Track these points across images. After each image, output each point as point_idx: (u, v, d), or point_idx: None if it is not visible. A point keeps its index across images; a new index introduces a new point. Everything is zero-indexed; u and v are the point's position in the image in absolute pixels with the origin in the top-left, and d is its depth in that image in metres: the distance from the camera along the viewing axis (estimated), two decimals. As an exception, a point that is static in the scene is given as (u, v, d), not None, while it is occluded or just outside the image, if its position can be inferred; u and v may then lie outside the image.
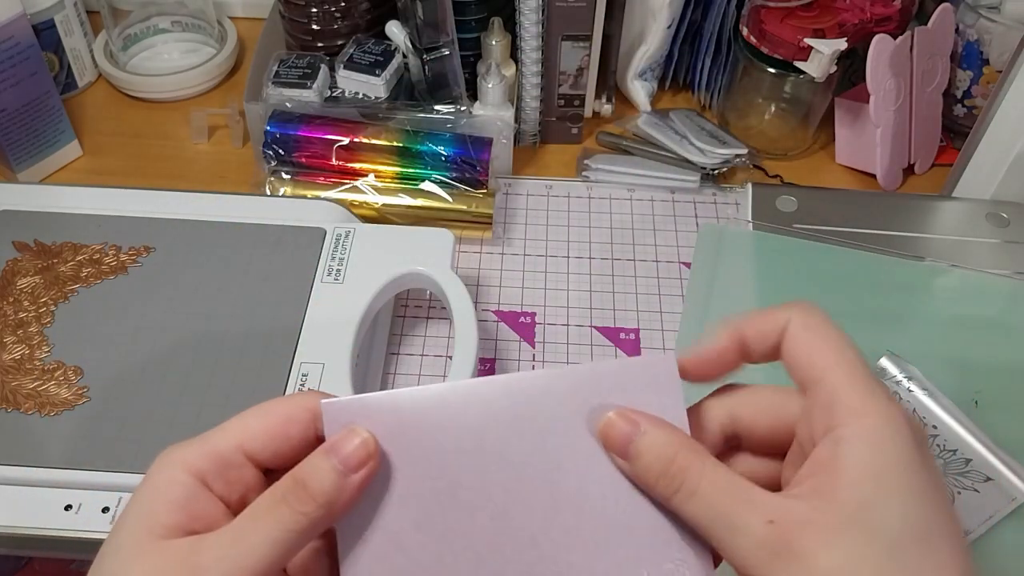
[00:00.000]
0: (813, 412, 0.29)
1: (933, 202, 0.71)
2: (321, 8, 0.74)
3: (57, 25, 0.79)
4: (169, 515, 0.28)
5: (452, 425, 0.29)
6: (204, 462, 0.29)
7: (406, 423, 0.29)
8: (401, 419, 0.29)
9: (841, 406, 0.28)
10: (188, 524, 0.28)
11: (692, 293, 0.64)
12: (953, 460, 0.53)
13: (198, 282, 0.57)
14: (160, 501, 0.28)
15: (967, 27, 0.74)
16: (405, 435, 0.29)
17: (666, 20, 0.75)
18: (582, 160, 0.77)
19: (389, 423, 0.29)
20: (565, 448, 0.30)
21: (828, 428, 0.28)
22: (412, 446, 0.29)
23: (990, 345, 0.60)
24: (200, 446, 0.29)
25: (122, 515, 0.29)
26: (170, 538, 0.28)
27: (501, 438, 0.30)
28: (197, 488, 0.29)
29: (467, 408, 0.29)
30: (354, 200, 0.68)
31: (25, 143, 0.73)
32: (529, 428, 0.30)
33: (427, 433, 0.29)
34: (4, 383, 0.52)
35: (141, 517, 0.28)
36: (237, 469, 0.29)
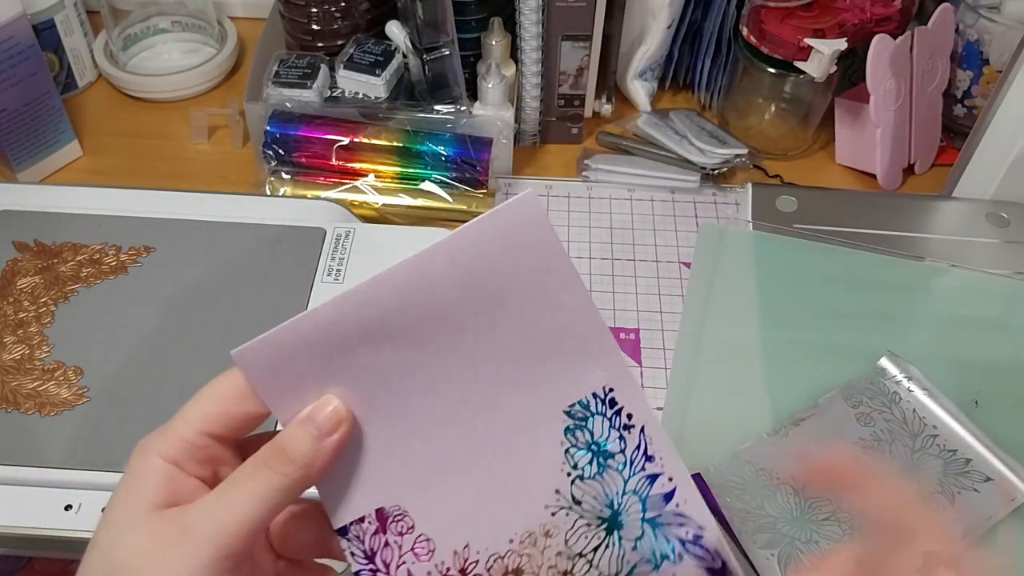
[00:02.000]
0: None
1: (933, 202, 0.71)
2: (321, 8, 0.74)
3: (57, 25, 0.79)
4: (155, 493, 0.30)
5: (356, 328, 0.31)
6: (173, 450, 0.31)
7: (315, 341, 0.30)
8: (308, 340, 0.30)
9: None
10: (172, 499, 0.30)
11: (692, 293, 0.64)
12: (953, 460, 0.53)
13: (198, 282, 0.57)
14: (143, 483, 0.30)
15: (967, 27, 0.74)
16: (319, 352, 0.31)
17: (666, 20, 0.75)
18: (582, 160, 0.77)
19: (299, 348, 0.30)
20: (465, 313, 0.31)
21: None
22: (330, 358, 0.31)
23: (990, 345, 0.60)
24: (166, 435, 0.31)
25: (110, 500, 0.31)
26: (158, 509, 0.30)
27: (404, 324, 0.31)
28: (173, 470, 0.30)
29: (364, 311, 0.30)
30: (354, 200, 0.68)
31: (25, 143, 0.73)
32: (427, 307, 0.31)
33: (339, 343, 0.31)
34: (4, 383, 0.52)
35: (129, 497, 0.30)
36: (204, 450, 0.31)
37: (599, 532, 0.33)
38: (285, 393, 0.31)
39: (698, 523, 0.33)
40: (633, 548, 0.33)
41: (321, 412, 0.30)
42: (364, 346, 0.31)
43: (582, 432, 0.33)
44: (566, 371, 0.32)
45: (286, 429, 0.31)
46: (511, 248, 0.31)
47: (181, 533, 0.29)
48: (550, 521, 0.33)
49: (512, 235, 0.31)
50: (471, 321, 0.31)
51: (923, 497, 0.52)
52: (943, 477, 0.53)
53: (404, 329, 0.31)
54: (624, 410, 0.33)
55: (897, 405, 0.56)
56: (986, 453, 0.53)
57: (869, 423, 0.55)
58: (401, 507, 0.32)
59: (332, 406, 0.31)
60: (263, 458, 0.30)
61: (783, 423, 0.56)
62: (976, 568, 0.30)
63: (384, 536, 0.32)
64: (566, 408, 0.33)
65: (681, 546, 0.33)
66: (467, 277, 0.31)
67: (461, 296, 0.31)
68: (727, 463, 0.53)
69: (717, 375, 0.59)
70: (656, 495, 0.33)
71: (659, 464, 0.33)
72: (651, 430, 0.33)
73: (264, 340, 0.30)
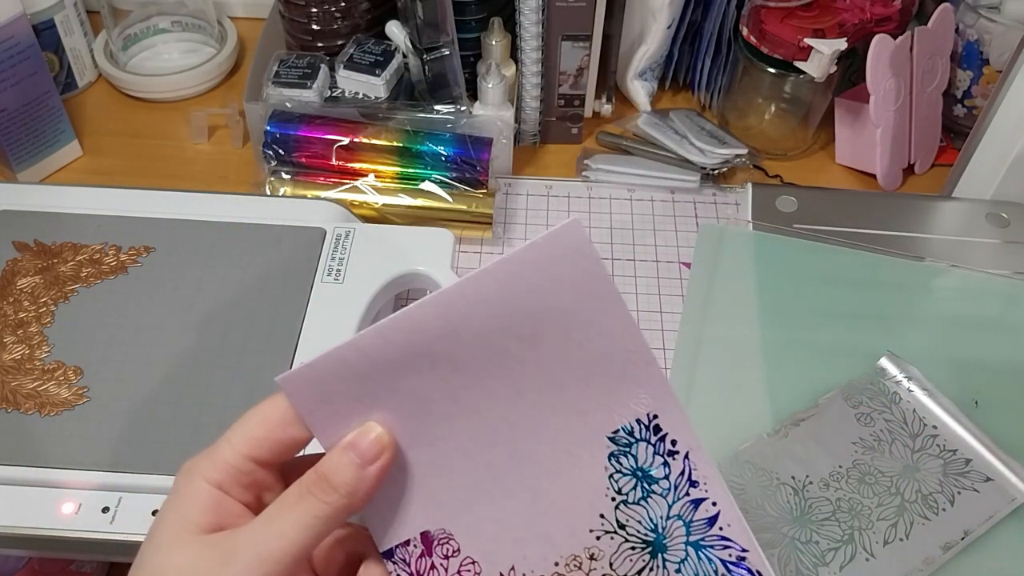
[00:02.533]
0: None
1: (933, 202, 0.71)
2: (321, 8, 0.74)
3: (57, 25, 0.79)
4: (201, 516, 0.30)
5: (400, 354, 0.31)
6: (219, 474, 0.31)
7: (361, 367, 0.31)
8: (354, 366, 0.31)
9: None
10: (218, 523, 0.30)
11: (692, 293, 0.64)
12: (953, 460, 0.53)
13: (198, 282, 0.57)
14: (191, 506, 0.30)
15: (967, 27, 0.74)
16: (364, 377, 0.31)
17: (666, 20, 0.75)
18: (582, 160, 0.77)
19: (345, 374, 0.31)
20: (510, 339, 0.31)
21: None
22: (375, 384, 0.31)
23: (990, 345, 0.60)
24: (212, 459, 0.31)
25: (156, 521, 0.31)
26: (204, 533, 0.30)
27: (450, 350, 0.31)
28: (219, 495, 0.31)
29: (408, 336, 0.31)
30: (354, 200, 0.68)
31: (25, 143, 0.73)
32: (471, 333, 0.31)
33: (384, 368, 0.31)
34: (4, 383, 0.52)
35: (176, 519, 0.30)
36: (249, 475, 0.31)
37: (643, 555, 0.33)
38: (329, 419, 0.31)
39: (742, 545, 0.33)
40: (677, 570, 0.33)
41: (364, 440, 0.31)
42: (408, 371, 0.31)
43: (626, 458, 0.33)
44: (610, 396, 0.32)
45: (328, 455, 0.31)
46: (555, 274, 0.31)
47: (228, 556, 0.29)
48: (595, 545, 0.33)
49: (556, 261, 0.31)
50: (515, 346, 0.31)
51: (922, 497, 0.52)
52: (943, 477, 0.53)
53: (448, 354, 0.31)
54: (668, 436, 0.33)
55: (897, 405, 0.56)
56: (986, 453, 0.53)
57: (869, 423, 0.55)
58: (447, 530, 0.32)
59: (375, 433, 0.31)
60: (307, 485, 0.30)
61: (783, 423, 0.56)
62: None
63: (430, 559, 0.32)
64: (610, 434, 0.33)
65: (724, 567, 0.33)
66: (512, 302, 0.31)
67: (505, 321, 0.31)
68: (727, 463, 0.53)
69: (717, 375, 0.59)
70: (700, 519, 0.33)
71: (703, 489, 0.33)
72: (696, 456, 0.33)
73: (309, 367, 0.31)
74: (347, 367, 0.31)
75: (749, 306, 0.63)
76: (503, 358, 0.32)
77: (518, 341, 0.31)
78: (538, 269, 0.31)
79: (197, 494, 0.31)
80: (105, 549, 0.47)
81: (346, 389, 0.31)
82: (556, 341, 0.32)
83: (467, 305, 0.31)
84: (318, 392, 0.31)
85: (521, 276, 0.31)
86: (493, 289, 0.31)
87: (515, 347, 0.31)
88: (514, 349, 0.31)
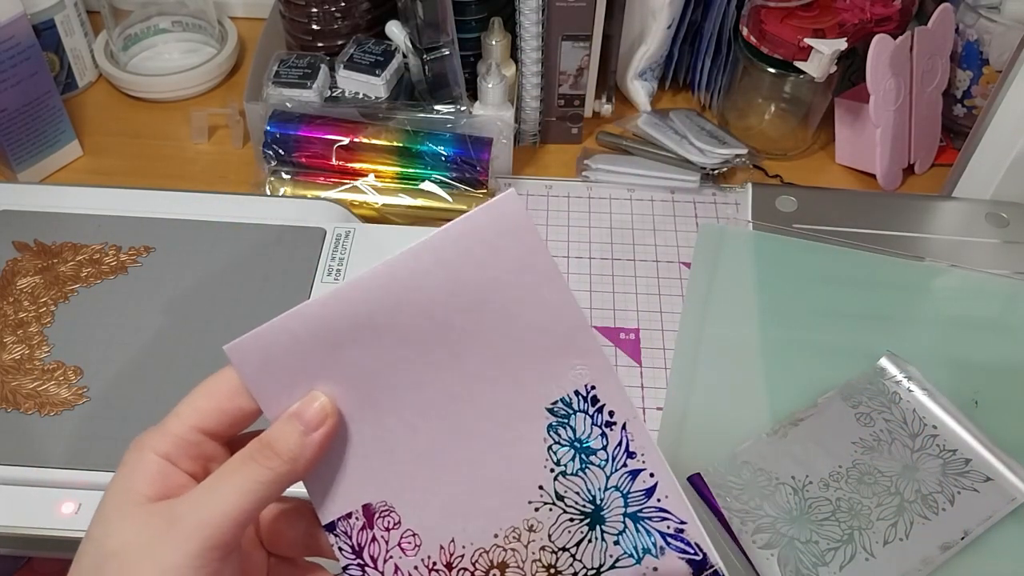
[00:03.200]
0: None
1: (933, 202, 0.71)
2: (321, 8, 0.74)
3: (57, 25, 0.79)
4: (147, 487, 0.31)
5: (344, 324, 0.31)
6: (167, 446, 0.31)
7: (305, 337, 0.31)
8: (298, 336, 0.31)
9: None
10: (164, 493, 0.31)
11: (692, 293, 0.64)
12: (953, 460, 0.53)
13: (198, 282, 0.57)
14: (136, 477, 0.31)
15: (967, 27, 0.74)
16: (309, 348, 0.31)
17: (666, 20, 0.75)
18: (582, 160, 0.77)
19: (290, 344, 0.31)
20: (452, 311, 0.32)
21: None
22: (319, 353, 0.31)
23: (990, 345, 0.60)
24: (160, 431, 0.31)
25: (104, 494, 0.31)
26: (150, 502, 0.30)
27: (391, 321, 0.32)
28: (166, 466, 0.31)
29: (351, 308, 0.31)
30: (354, 200, 0.68)
31: (25, 143, 0.73)
32: (413, 305, 0.32)
33: (327, 339, 0.31)
34: (4, 383, 0.52)
35: (121, 491, 0.31)
36: (197, 446, 0.32)
37: (582, 527, 0.34)
38: (275, 389, 0.31)
39: (680, 517, 0.34)
40: (615, 542, 0.34)
41: (308, 408, 0.31)
42: (353, 343, 0.31)
43: (565, 429, 0.34)
44: (549, 368, 0.33)
45: (273, 424, 0.31)
46: (494, 246, 0.32)
47: (170, 524, 0.29)
48: (534, 516, 0.34)
49: (495, 233, 0.32)
50: (456, 318, 0.32)
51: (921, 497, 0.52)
52: (943, 477, 0.53)
53: (391, 326, 0.32)
54: (606, 407, 0.34)
55: (897, 405, 0.56)
56: (986, 453, 0.53)
57: (869, 423, 0.55)
58: (388, 503, 0.33)
59: (319, 402, 0.31)
60: (250, 452, 0.31)
61: (782, 423, 0.56)
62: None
63: (371, 531, 0.33)
64: (549, 405, 0.33)
65: (663, 540, 0.34)
66: (452, 274, 0.32)
67: (446, 293, 0.32)
68: (727, 463, 0.54)
69: (717, 375, 0.59)
70: (638, 491, 0.34)
71: (640, 460, 0.34)
72: (633, 427, 0.34)
73: (255, 335, 0.31)
74: (292, 336, 0.31)
75: (749, 306, 0.63)
76: (445, 330, 0.32)
77: (459, 313, 0.32)
78: (478, 241, 0.32)
79: (143, 465, 0.31)
80: (105, 549, 0.47)
81: (291, 359, 0.31)
82: (496, 314, 0.32)
83: (409, 276, 0.31)
84: (263, 360, 0.31)
85: (461, 248, 0.32)
86: (433, 261, 0.31)
87: (457, 319, 0.32)
88: (456, 321, 0.32)
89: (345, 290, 0.31)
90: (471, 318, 0.32)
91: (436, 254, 0.31)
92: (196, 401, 0.32)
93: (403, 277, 0.31)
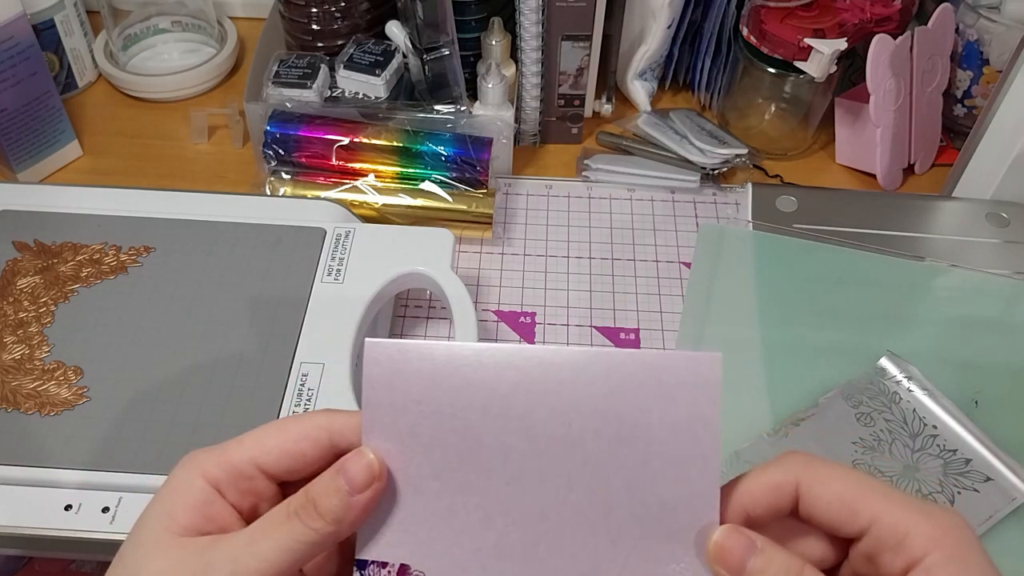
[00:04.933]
0: (881, 556, 0.29)
1: (933, 202, 0.71)
2: (321, 8, 0.74)
3: (57, 25, 0.79)
4: (186, 515, 0.30)
5: (483, 385, 0.30)
6: (219, 471, 0.30)
7: (440, 374, 0.30)
8: (436, 369, 0.30)
9: (915, 538, 0.28)
10: (203, 526, 0.30)
11: (692, 293, 0.64)
12: (953, 460, 0.53)
13: (198, 282, 0.57)
14: (178, 502, 0.30)
15: (967, 27, 0.74)
16: (438, 386, 0.30)
17: (666, 20, 0.75)
18: (582, 160, 0.77)
19: (424, 371, 0.30)
20: (590, 431, 0.30)
21: (910, 562, 0.28)
22: (443, 397, 0.30)
23: (990, 345, 0.60)
24: (217, 455, 0.31)
25: (143, 513, 0.30)
26: (186, 536, 0.29)
27: (528, 408, 0.30)
28: (212, 494, 0.30)
29: (500, 372, 0.30)
30: (354, 200, 0.68)
31: (25, 143, 0.73)
32: (557, 403, 0.30)
33: (458, 388, 0.30)
34: (4, 383, 0.52)
35: (160, 516, 0.30)
36: (249, 481, 0.31)
37: None
38: (386, 403, 0.30)
39: None
40: None
41: (355, 465, 0.30)
42: (479, 403, 0.30)
43: None
44: (652, 549, 0.30)
45: (320, 476, 0.30)
46: (670, 395, 0.30)
47: (204, 569, 0.28)
48: None
49: (678, 383, 0.30)
50: (591, 441, 0.30)
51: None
52: (943, 477, 0.53)
53: (526, 411, 0.30)
54: None
55: (897, 405, 0.56)
56: (986, 453, 0.53)
57: (869, 423, 0.55)
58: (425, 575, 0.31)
59: (367, 460, 0.30)
60: (294, 507, 0.29)
61: (783, 423, 0.56)
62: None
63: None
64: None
65: None
66: (613, 396, 0.30)
67: (596, 412, 0.30)
68: (727, 463, 0.53)
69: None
70: None
71: None
72: None
73: (400, 345, 0.30)
74: (431, 364, 0.30)
75: (749, 306, 0.63)
76: (573, 446, 0.30)
77: (597, 438, 0.30)
78: (657, 381, 0.30)
79: (189, 490, 0.30)
80: (105, 549, 0.47)
81: (417, 386, 0.30)
82: (632, 460, 0.30)
83: (571, 373, 0.30)
84: (393, 372, 0.30)
85: (638, 376, 0.30)
86: (603, 372, 0.30)
87: (591, 443, 0.30)
88: (589, 443, 0.30)
89: (503, 350, 0.30)
90: (606, 449, 0.30)
91: (610, 368, 0.30)
92: (262, 434, 0.31)
93: (564, 370, 0.30)
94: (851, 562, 0.30)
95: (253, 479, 0.31)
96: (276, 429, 0.31)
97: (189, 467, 0.31)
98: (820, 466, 0.30)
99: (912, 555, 0.28)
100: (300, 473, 0.31)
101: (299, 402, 0.51)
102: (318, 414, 0.31)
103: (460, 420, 0.30)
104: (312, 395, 0.51)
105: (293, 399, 0.51)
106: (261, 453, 0.30)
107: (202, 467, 0.30)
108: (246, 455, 0.30)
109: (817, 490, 0.30)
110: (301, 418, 0.31)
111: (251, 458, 0.30)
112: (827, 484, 0.29)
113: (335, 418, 0.31)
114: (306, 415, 0.31)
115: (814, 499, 0.30)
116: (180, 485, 0.30)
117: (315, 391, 0.52)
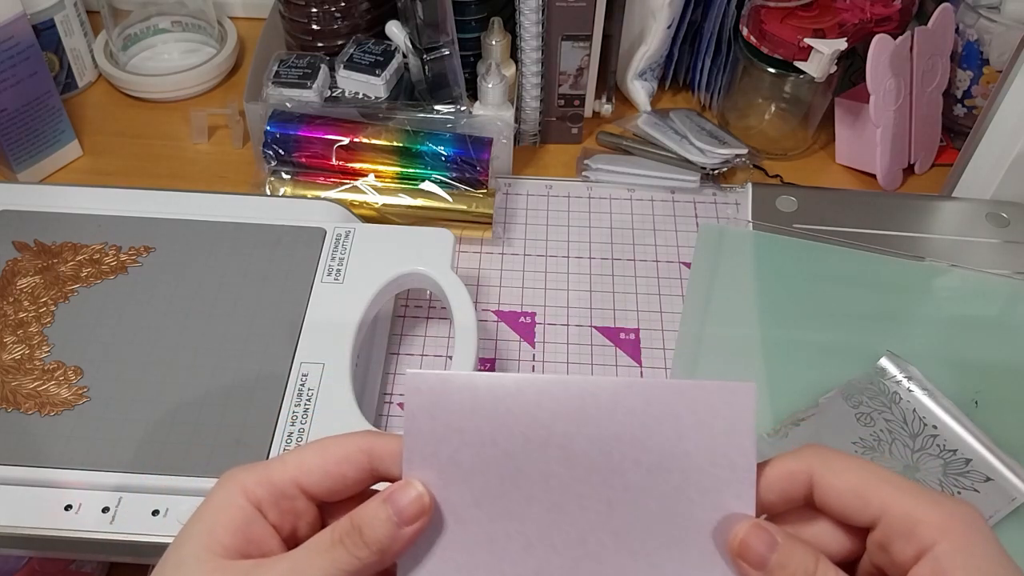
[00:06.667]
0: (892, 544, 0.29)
1: (933, 202, 0.71)
2: (321, 8, 0.74)
3: (57, 25, 0.79)
4: (228, 536, 0.29)
5: (524, 414, 0.30)
6: (261, 490, 0.30)
7: (481, 404, 0.30)
8: (477, 399, 0.30)
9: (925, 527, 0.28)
10: (244, 547, 0.30)
11: (692, 293, 0.64)
12: (953, 460, 0.53)
13: (198, 282, 0.57)
14: (220, 522, 0.30)
15: (967, 27, 0.74)
16: (478, 415, 0.31)
17: (666, 20, 0.75)
18: (582, 160, 0.77)
19: (465, 401, 0.30)
20: (630, 459, 0.31)
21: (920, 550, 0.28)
22: (483, 426, 0.31)
23: (990, 345, 0.60)
24: (259, 474, 0.30)
25: (184, 530, 0.30)
26: (228, 558, 0.29)
27: (568, 436, 0.31)
28: (254, 514, 0.30)
29: (540, 401, 0.30)
30: (354, 200, 0.68)
31: (25, 143, 0.73)
32: (597, 432, 0.31)
33: (499, 417, 0.30)
34: (4, 383, 0.52)
35: (202, 535, 0.30)
36: (290, 501, 0.30)
37: None
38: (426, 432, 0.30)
39: None
40: None
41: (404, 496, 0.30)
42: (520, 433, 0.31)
43: None
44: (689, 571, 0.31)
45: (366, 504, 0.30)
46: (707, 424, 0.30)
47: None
48: None
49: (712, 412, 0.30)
50: (631, 469, 0.31)
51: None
52: (943, 477, 0.53)
53: (567, 440, 0.31)
54: None
55: (897, 405, 0.56)
56: (986, 453, 0.53)
57: (869, 423, 0.55)
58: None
59: (416, 492, 0.30)
60: (339, 534, 0.29)
61: (783, 423, 0.56)
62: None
63: None
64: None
65: None
66: (651, 425, 0.30)
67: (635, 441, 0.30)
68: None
69: (717, 375, 0.59)
70: None
71: None
72: None
73: (442, 376, 0.30)
74: (471, 394, 0.30)
75: (749, 306, 0.63)
76: (613, 474, 0.31)
77: (636, 466, 0.31)
78: (692, 410, 0.30)
79: (231, 509, 0.30)
80: (105, 549, 0.47)
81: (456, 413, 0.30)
82: (671, 487, 0.31)
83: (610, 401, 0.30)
84: (434, 403, 0.30)
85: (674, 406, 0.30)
86: (642, 402, 0.30)
87: (631, 471, 0.31)
88: (629, 471, 0.31)
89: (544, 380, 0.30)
90: (645, 477, 0.30)
91: (648, 398, 0.30)
92: (305, 454, 0.31)
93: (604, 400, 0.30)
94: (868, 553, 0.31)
95: (294, 499, 0.30)
96: (317, 449, 0.31)
97: (230, 485, 0.30)
98: (834, 457, 0.30)
99: (922, 543, 0.28)
100: (340, 495, 0.31)
101: (299, 402, 0.51)
102: (358, 436, 0.31)
103: (501, 448, 0.31)
104: (312, 395, 0.51)
105: (293, 399, 0.51)
106: (303, 473, 0.30)
107: (243, 485, 0.30)
108: (288, 475, 0.30)
109: (830, 479, 0.30)
110: (342, 439, 0.31)
111: (293, 478, 0.30)
112: (840, 474, 0.30)
113: (375, 441, 0.31)
114: (346, 436, 0.31)
115: (827, 488, 0.30)
116: (222, 503, 0.30)
117: (315, 391, 0.52)
